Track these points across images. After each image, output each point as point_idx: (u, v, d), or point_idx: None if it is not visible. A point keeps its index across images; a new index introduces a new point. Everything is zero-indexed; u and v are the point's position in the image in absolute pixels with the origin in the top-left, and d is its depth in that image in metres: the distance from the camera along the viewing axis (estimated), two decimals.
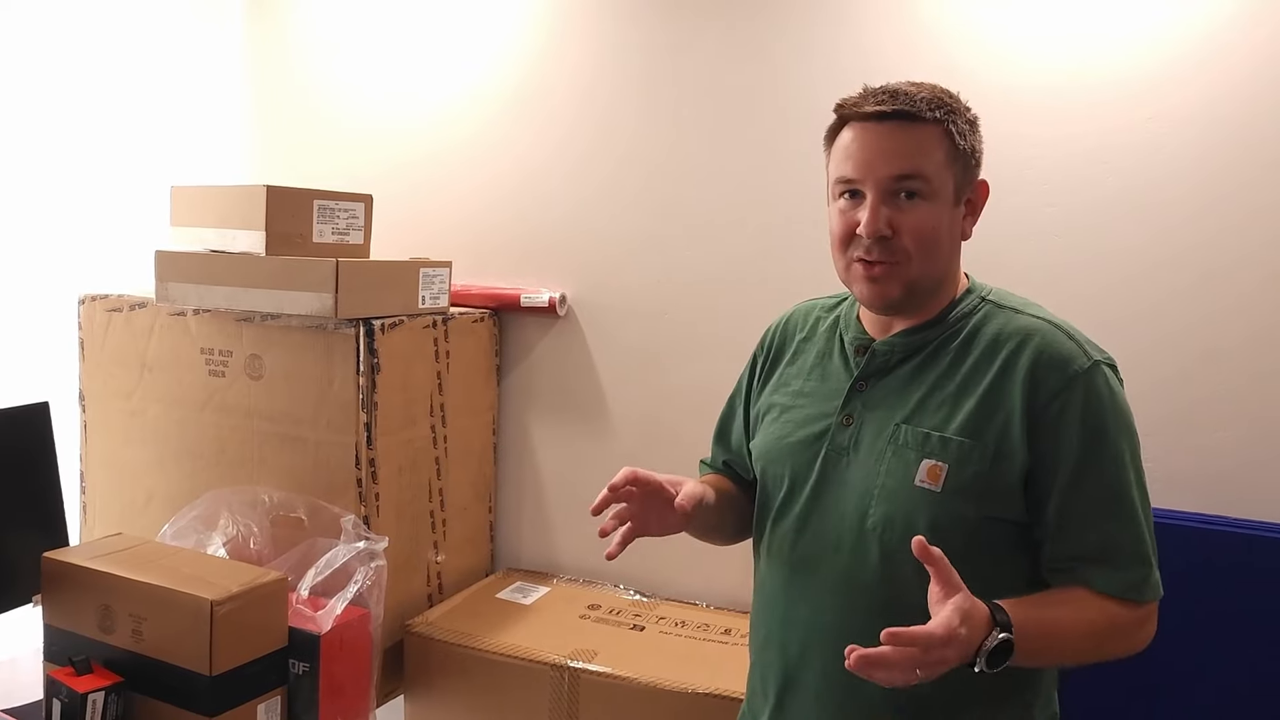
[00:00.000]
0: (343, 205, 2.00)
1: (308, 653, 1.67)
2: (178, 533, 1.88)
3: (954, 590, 0.99)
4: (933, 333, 1.19)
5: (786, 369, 1.33)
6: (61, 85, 2.17)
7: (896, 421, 1.16)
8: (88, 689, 1.53)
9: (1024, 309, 1.18)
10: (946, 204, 1.15)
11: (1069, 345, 1.13)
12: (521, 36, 2.21)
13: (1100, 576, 1.10)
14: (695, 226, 2.07)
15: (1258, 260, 1.65)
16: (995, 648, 1.00)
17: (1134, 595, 1.10)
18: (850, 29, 1.90)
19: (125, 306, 2.11)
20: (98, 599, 1.62)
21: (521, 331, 2.27)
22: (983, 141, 1.20)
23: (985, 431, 1.11)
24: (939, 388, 1.16)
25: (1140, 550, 1.11)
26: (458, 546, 2.18)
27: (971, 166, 1.18)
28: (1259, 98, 1.63)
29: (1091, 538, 1.10)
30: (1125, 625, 1.11)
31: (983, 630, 1.00)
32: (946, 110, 1.14)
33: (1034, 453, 1.10)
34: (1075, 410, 1.10)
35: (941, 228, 1.15)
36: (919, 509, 1.12)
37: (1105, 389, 1.12)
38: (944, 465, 1.12)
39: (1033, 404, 1.10)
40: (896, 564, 1.12)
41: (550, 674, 1.81)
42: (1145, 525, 1.12)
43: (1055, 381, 1.10)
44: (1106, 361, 1.14)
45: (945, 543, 1.05)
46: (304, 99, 2.48)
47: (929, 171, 1.13)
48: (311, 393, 1.91)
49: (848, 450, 1.20)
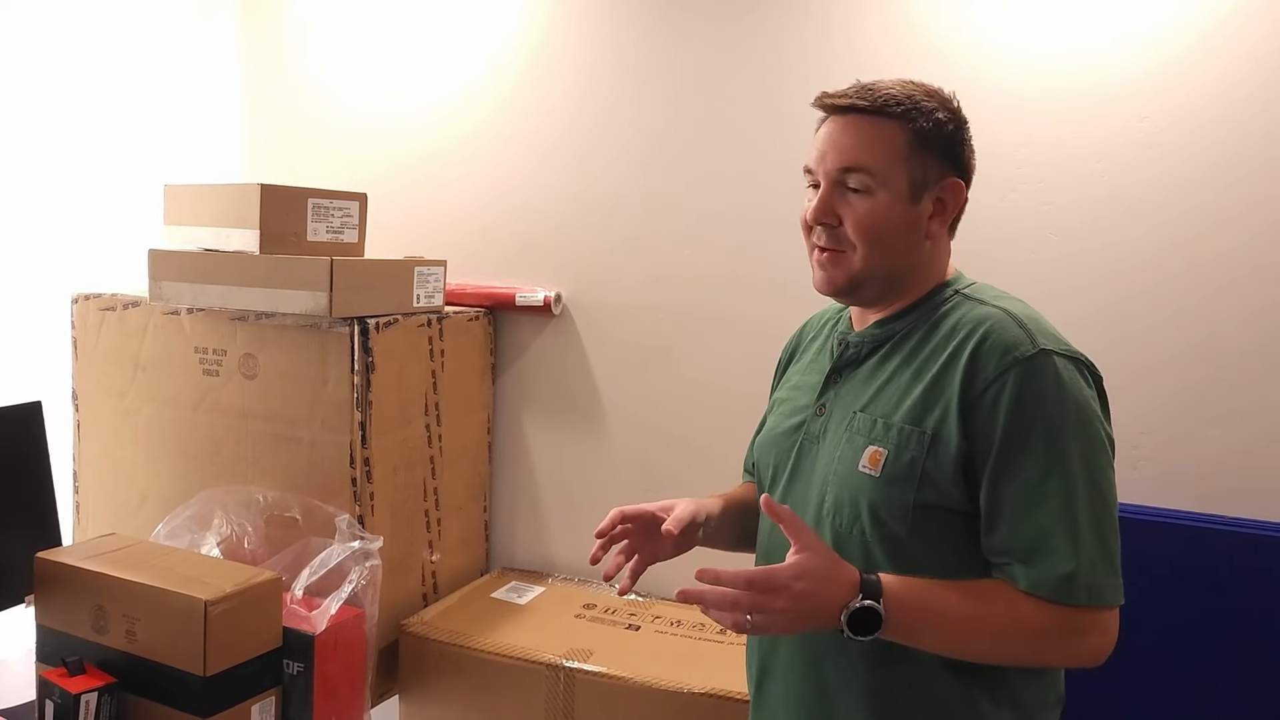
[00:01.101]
0: (337, 204, 2.00)
1: (302, 653, 1.66)
2: (171, 533, 1.88)
3: (805, 548, 1.04)
4: (902, 323, 1.20)
5: (793, 367, 1.38)
6: (56, 85, 2.17)
7: (855, 409, 1.18)
8: (81, 690, 1.52)
9: (991, 301, 1.17)
10: (897, 199, 1.15)
11: (1015, 333, 1.10)
12: (516, 36, 2.21)
13: (1023, 572, 1.06)
14: (690, 225, 2.07)
15: (1251, 258, 1.65)
16: (854, 611, 1.02)
17: (1059, 596, 1.05)
18: (844, 30, 1.90)
19: (119, 305, 2.11)
20: (91, 599, 1.61)
21: (516, 330, 2.27)
22: (966, 144, 1.19)
23: (926, 418, 1.11)
24: (896, 376, 1.17)
25: (1071, 548, 1.05)
26: (452, 546, 2.18)
27: (937, 165, 1.17)
28: (1252, 97, 1.63)
29: (1019, 530, 1.07)
30: (1046, 628, 1.06)
31: (846, 593, 1.03)
32: (908, 108, 1.15)
33: (969, 439, 1.09)
34: (1009, 395, 1.07)
35: (887, 222, 1.16)
36: (861, 494, 1.14)
37: (1048, 378, 1.07)
38: (884, 451, 1.13)
39: (969, 389, 1.09)
40: (845, 549, 1.14)
41: (545, 674, 1.80)
42: (1086, 524, 1.06)
43: (992, 368, 1.09)
44: (1064, 353, 1.10)
45: (884, 528, 1.11)
46: (298, 98, 2.47)
47: (874, 166, 1.15)
48: (306, 392, 1.91)
49: (818, 439, 1.23)
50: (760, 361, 1.58)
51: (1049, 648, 1.09)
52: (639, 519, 1.29)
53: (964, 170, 1.20)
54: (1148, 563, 1.58)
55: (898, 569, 1.11)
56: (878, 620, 1.03)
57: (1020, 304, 1.17)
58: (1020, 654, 1.10)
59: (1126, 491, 1.70)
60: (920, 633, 1.07)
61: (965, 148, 1.20)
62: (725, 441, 1.85)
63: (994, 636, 1.08)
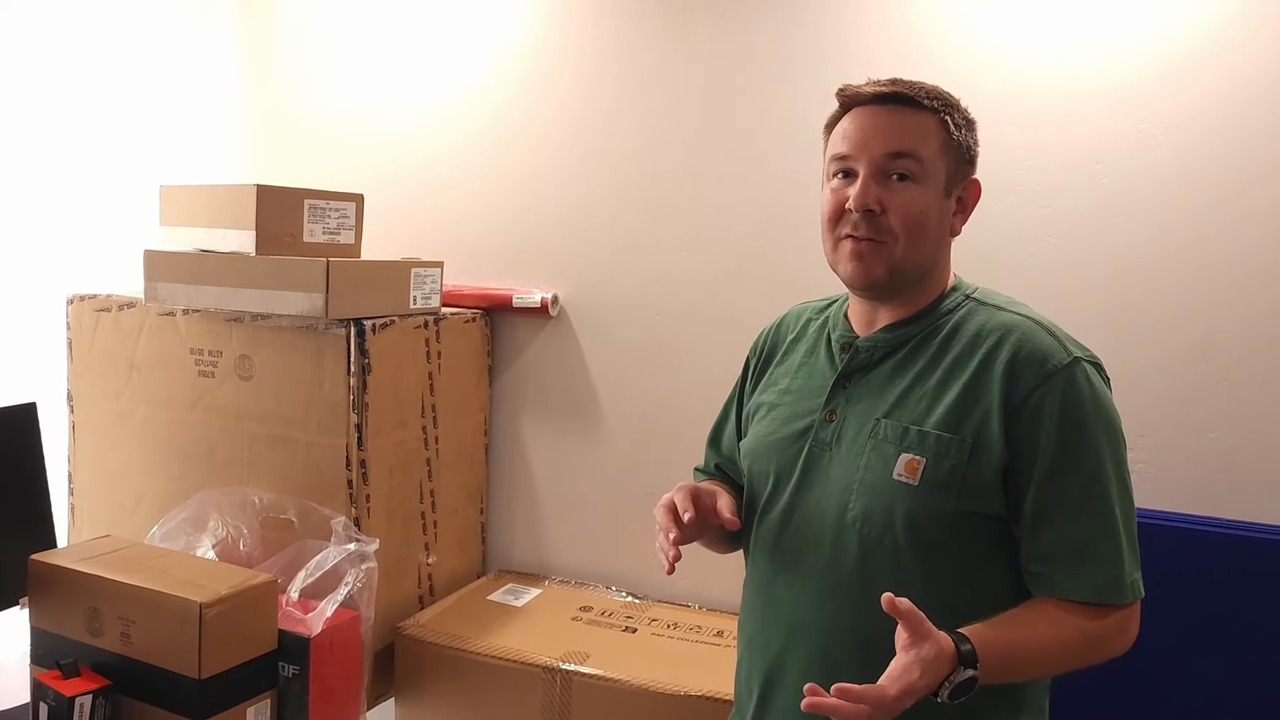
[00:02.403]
0: (333, 205, 1.99)
1: (298, 656, 1.66)
2: (167, 535, 1.87)
3: (921, 640, 0.99)
4: (915, 328, 1.19)
5: (776, 369, 1.35)
6: (51, 85, 2.16)
7: (877, 416, 1.17)
8: (75, 692, 1.51)
9: (1007, 306, 1.19)
10: (937, 192, 1.16)
11: (1049, 341, 1.12)
12: (517, 38, 2.21)
13: (1073, 579, 1.09)
14: (688, 228, 2.07)
15: (1251, 261, 1.65)
16: (958, 685, 1.01)
17: (1109, 598, 1.09)
18: (842, 33, 1.89)
19: (114, 306, 2.10)
20: (86, 601, 1.61)
21: (513, 332, 2.27)
22: (978, 144, 1.21)
23: (963, 426, 1.11)
24: (920, 382, 1.16)
25: (1115, 550, 1.09)
26: (449, 548, 2.17)
27: (965, 162, 1.19)
28: (1254, 100, 1.63)
29: (1066, 535, 1.09)
30: (1101, 634, 1.10)
31: (948, 667, 1.01)
32: (944, 102, 1.17)
33: (1011, 447, 1.10)
34: (1053, 405, 1.09)
35: (929, 213, 1.16)
36: (897, 502, 1.13)
37: (1085, 385, 1.11)
38: (921, 459, 1.12)
39: (1010, 398, 1.10)
40: (874, 558, 1.14)
41: (542, 676, 1.80)
42: (1122, 525, 1.10)
43: (1033, 376, 1.10)
44: (1089, 359, 1.13)
45: (922, 536, 1.11)
46: (295, 99, 2.47)
47: (922, 154, 1.15)
48: (302, 393, 1.90)
49: (830, 446, 1.21)
50: None
51: (1106, 649, 1.11)
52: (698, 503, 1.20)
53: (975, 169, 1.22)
54: (1145, 564, 1.58)
55: (926, 575, 1.12)
56: (974, 684, 1.03)
57: (1031, 309, 1.19)
58: (1086, 662, 1.11)
59: None
60: (1006, 676, 1.08)
61: (977, 149, 1.22)
62: None
63: (1065, 656, 1.10)
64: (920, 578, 1.12)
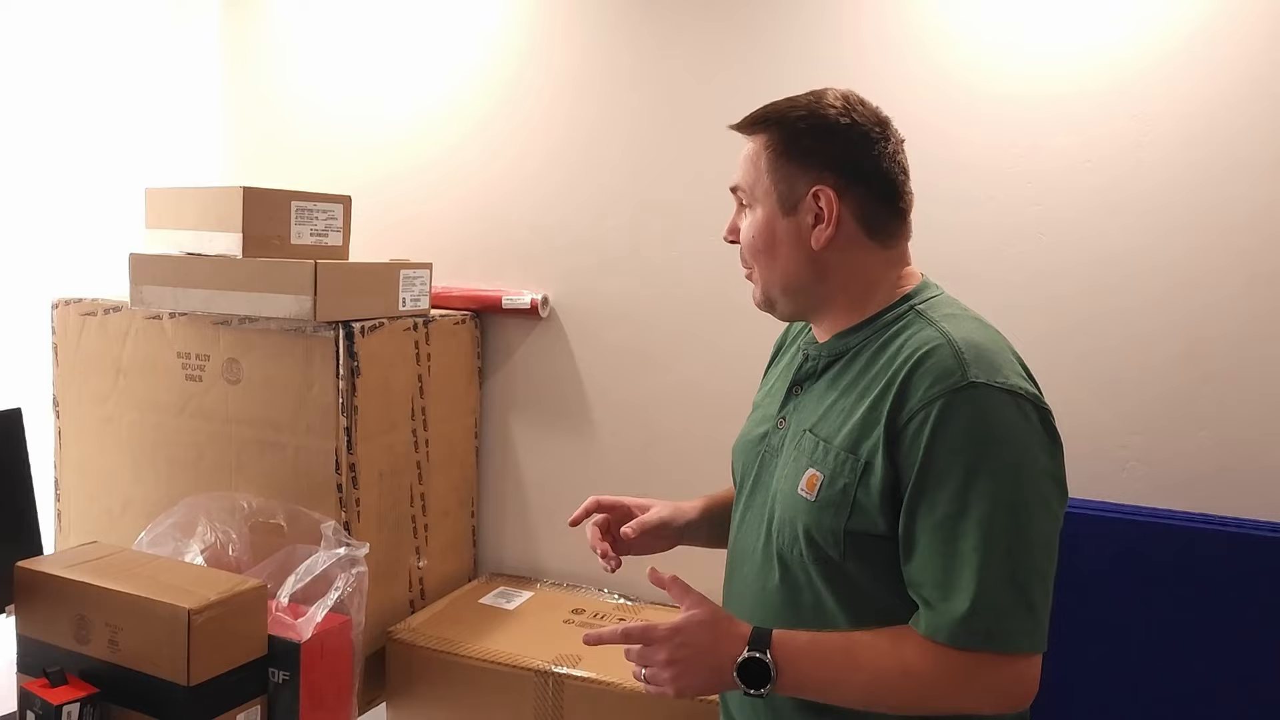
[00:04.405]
0: (321, 206, 1.98)
1: (288, 661, 1.65)
2: (154, 540, 1.86)
3: (690, 606, 1.09)
4: (855, 338, 1.17)
5: (771, 370, 1.38)
6: (35, 87, 2.14)
7: (805, 428, 1.17)
8: (62, 700, 1.50)
9: (940, 321, 1.10)
10: (772, 214, 1.15)
11: (949, 363, 1.04)
12: (504, 40, 2.20)
13: (923, 614, 1.04)
14: (678, 229, 2.06)
15: (1242, 258, 1.65)
16: (742, 663, 1.04)
17: (956, 640, 1.00)
18: (834, 33, 1.89)
19: (100, 310, 2.08)
20: (73, 609, 1.60)
21: (503, 334, 2.26)
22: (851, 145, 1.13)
23: (862, 444, 1.08)
24: (844, 396, 1.14)
25: (978, 591, 0.99)
26: (440, 552, 2.16)
27: (797, 173, 1.13)
28: (1244, 98, 1.63)
29: (927, 566, 1.03)
30: (937, 674, 1.02)
31: (736, 646, 1.05)
32: (770, 122, 1.16)
33: (894, 469, 1.05)
34: (927, 429, 1.02)
35: (765, 238, 1.16)
36: (799, 516, 1.12)
37: (974, 413, 1.02)
38: (821, 475, 1.11)
39: (895, 418, 1.05)
40: (790, 568, 1.14)
41: (534, 680, 1.79)
42: (999, 565, 1.00)
43: (918, 398, 1.04)
44: (1000, 386, 1.03)
45: (819, 551, 1.10)
46: (282, 101, 2.45)
47: (745, 183, 1.18)
48: (290, 397, 1.89)
49: (776, 453, 1.21)
50: (747, 365, 1.57)
51: (945, 696, 1.04)
52: (615, 509, 1.37)
53: (852, 173, 1.13)
54: (1136, 562, 1.59)
55: (837, 592, 1.11)
56: (766, 672, 1.04)
57: (973, 325, 1.11)
58: (918, 705, 1.05)
59: (1115, 491, 1.72)
60: (813, 684, 1.07)
61: (849, 149, 1.13)
62: (713, 445, 1.84)
63: (886, 688, 1.05)
64: (831, 595, 1.11)
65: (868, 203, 1.14)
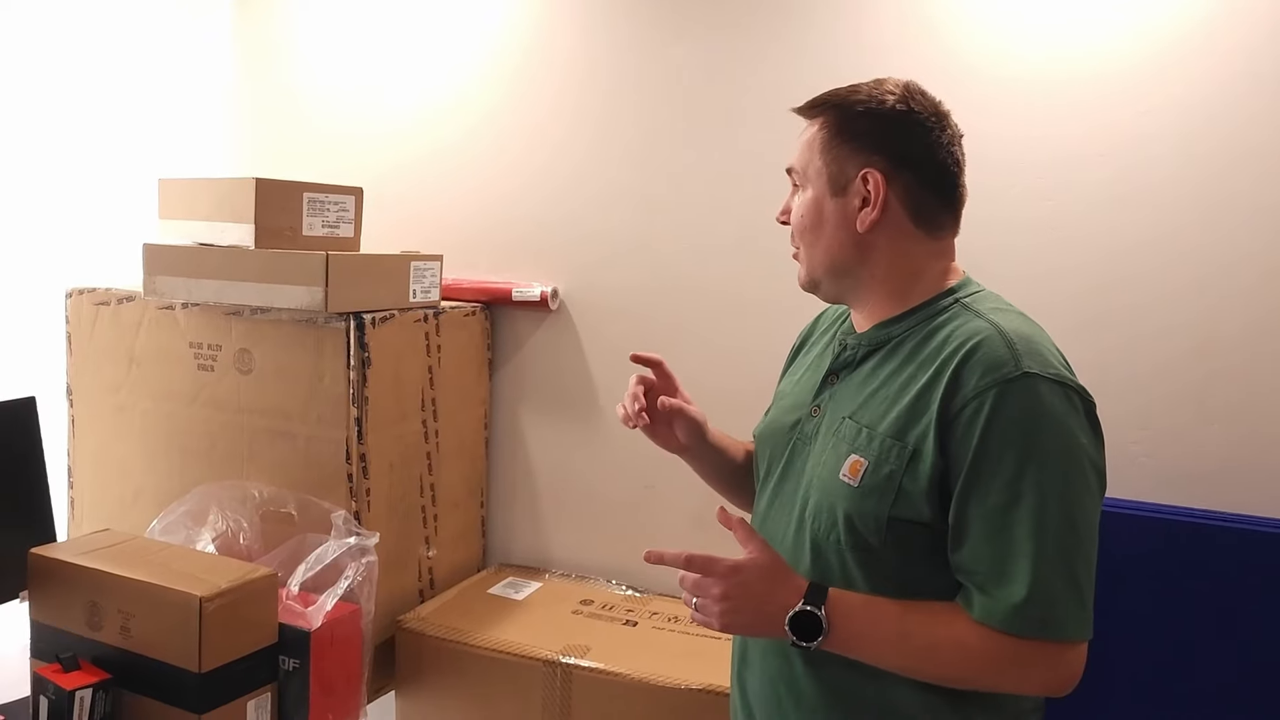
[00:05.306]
0: (332, 198, 1.99)
1: (298, 649, 1.66)
2: (166, 528, 1.87)
3: (754, 550, 1.10)
4: (898, 328, 1.18)
5: (800, 360, 1.38)
6: (49, 79, 2.16)
7: (844, 415, 1.17)
8: (75, 686, 1.51)
9: (986, 314, 1.12)
10: (821, 194, 1.18)
11: (1001, 353, 1.06)
12: (515, 33, 2.20)
13: (977, 599, 1.05)
14: (688, 221, 2.06)
15: (1253, 254, 1.64)
16: (795, 615, 1.06)
17: (1009, 626, 1.02)
18: (847, 27, 1.88)
19: (113, 300, 2.09)
20: (85, 595, 1.61)
21: (513, 326, 2.26)
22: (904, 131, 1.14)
23: (909, 432, 1.09)
24: (887, 384, 1.15)
25: (1032, 579, 1.01)
26: (449, 542, 2.17)
27: (849, 155, 1.15)
28: (1257, 90, 1.62)
29: (980, 554, 1.05)
30: (987, 656, 1.04)
31: (791, 597, 1.07)
32: (829, 106, 1.18)
33: (944, 457, 1.06)
34: (981, 418, 1.04)
35: (812, 217, 1.19)
36: (839, 502, 1.13)
37: (1027, 403, 1.04)
38: (865, 461, 1.11)
39: (947, 406, 1.06)
40: (823, 553, 1.15)
41: (542, 670, 1.80)
42: (1052, 554, 1.02)
43: (972, 386, 1.05)
44: (1051, 377, 1.05)
45: (859, 538, 1.11)
46: (294, 93, 2.46)
47: (799, 164, 1.21)
48: (301, 387, 1.90)
49: (810, 440, 1.22)
50: (759, 356, 1.57)
51: (992, 676, 1.07)
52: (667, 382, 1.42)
53: (902, 159, 1.14)
54: (1146, 559, 1.58)
55: (871, 579, 1.11)
56: (818, 626, 1.05)
57: (1019, 319, 1.13)
58: (964, 678, 1.08)
59: (1125, 488, 1.71)
60: (863, 644, 1.08)
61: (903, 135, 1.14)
62: None
63: (935, 658, 1.07)
64: (863, 581, 1.12)
65: (916, 190, 1.15)
